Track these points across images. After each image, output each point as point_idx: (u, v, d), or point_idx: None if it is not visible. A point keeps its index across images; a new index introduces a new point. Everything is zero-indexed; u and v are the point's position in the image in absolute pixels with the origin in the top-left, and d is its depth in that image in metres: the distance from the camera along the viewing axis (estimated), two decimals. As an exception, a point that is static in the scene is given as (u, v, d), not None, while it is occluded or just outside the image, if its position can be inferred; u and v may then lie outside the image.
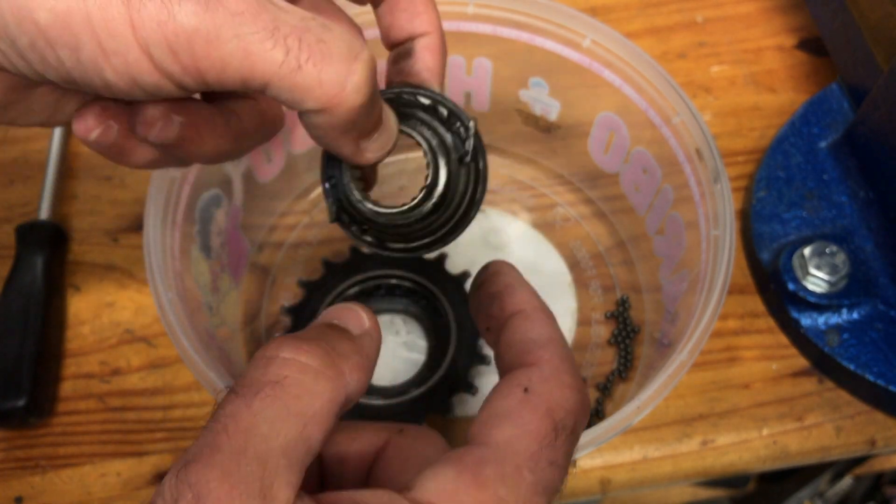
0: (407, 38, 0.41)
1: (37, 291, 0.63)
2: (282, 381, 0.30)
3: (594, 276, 0.67)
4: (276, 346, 0.31)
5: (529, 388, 0.32)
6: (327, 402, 0.30)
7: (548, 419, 0.31)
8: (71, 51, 0.28)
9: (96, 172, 0.72)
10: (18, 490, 0.59)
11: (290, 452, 0.28)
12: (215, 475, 0.26)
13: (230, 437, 0.28)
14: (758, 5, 0.81)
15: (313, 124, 0.32)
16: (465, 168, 0.41)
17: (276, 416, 0.29)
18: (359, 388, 0.33)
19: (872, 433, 0.61)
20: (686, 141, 0.55)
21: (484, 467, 0.30)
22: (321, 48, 0.30)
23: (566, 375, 0.33)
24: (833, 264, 0.60)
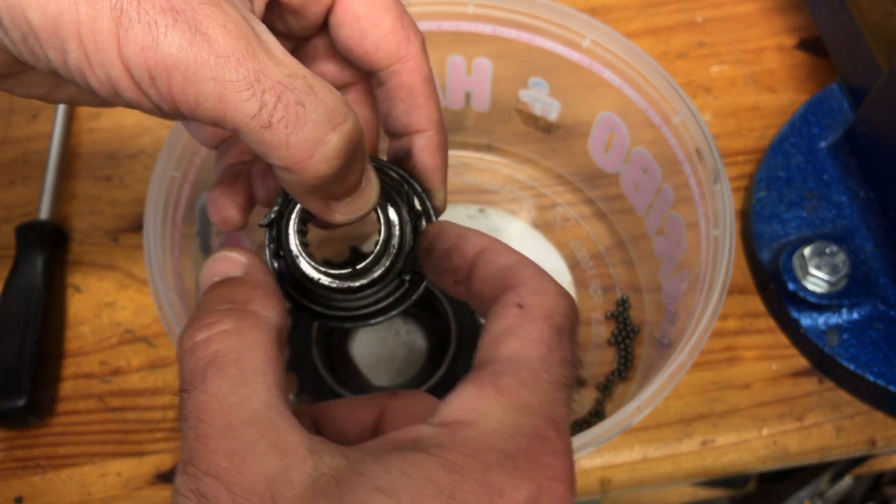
0: (403, 132, 0.41)
1: (37, 291, 0.63)
2: (215, 355, 0.30)
3: (594, 276, 0.67)
4: (188, 336, 0.31)
5: (522, 303, 0.32)
6: (264, 344, 0.31)
7: (548, 325, 0.32)
8: (58, 53, 0.28)
9: (96, 172, 0.72)
10: (18, 490, 0.59)
11: (271, 403, 0.29)
12: (223, 457, 0.27)
13: (210, 424, 0.28)
14: (758, 5, 0.81)
15: (280, 177, 0.32)
16: (398, 282, 0.40)
17: (233, 384, 0.29)
18: (278, 312, 0.33)
19: (872, 433, 0.61)
20: (686, 141, 0.55)
21: (501, 378, 0.30)
22: (297, 111, 0.29)
23: (552, 284, 0.34)
24: (833, 264, 0.60)
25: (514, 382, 0.30)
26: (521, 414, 0.29)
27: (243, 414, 0.28)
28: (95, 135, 0.74)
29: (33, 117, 0.75)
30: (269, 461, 0.27)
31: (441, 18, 0.60)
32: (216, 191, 0.42)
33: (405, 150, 0.41)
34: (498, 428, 0.28)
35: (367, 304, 0.40)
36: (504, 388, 0.30)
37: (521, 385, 0.30)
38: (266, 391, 0.29)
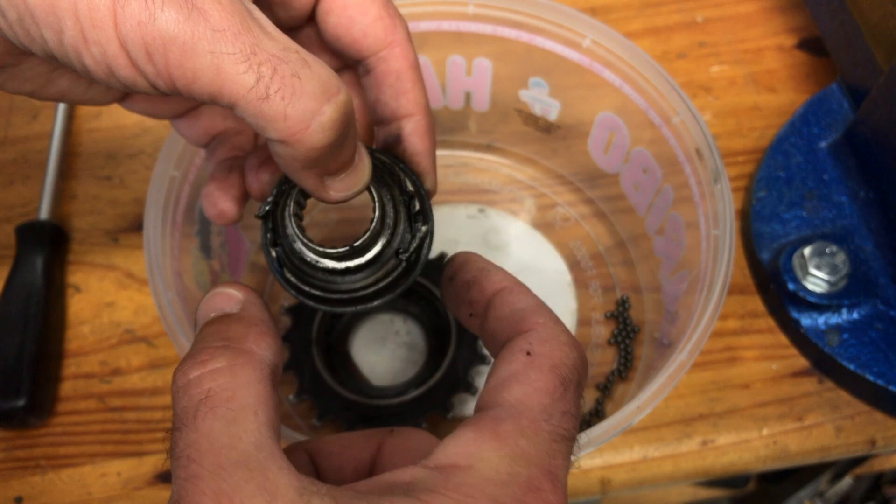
0: (391, 117, 0.41)
1: (37, 291, 0.63)
2: (207, 394, 0.30)
3: (594, 276, 0.67)
4: (181, 374, 0.31)
5: (531, 350, 0.33)
6: (257, 383, 0.31)
7: (554, 375, 0.32)
8: (54, 33, 0.29)
9: (96, 172, 0.72)
10: (18, 490, 0.59)
11: (262, 443, 0.29)
12: (209, 497, 0.27)
13: (201, 464, 0.28)
14: (758, 5, 0.81)
15: (276, 152, 0.32)
16: (396, 261, 0.40)
17: (225, 423, 0.29)
18: (272, 350, 0.33)
19: (872, 433, 0.61)
20: (686, 141, 0.55)
21: (501, 424, 0.30)
22: (293, 82, 0.30)
23: (563, 335, 0.34)
24: (833, 264, 0.60)
25: (513, 430, 0.30)
26: (517, 463, 0.29)
27: (233, 455, 0.28)
28: (95, 135, 0.74)
29: (33, 117, 0.75)
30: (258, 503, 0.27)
31: (441, 18, 0.60)
32: (210, 185, 0.43)
33: (394, 135, 0.41)
34: (492, 475, 0.28)
35: (366, 286, 0.39)
36: (502, 435, 0.30)
37: (520, 433, 0.30)
38: (257, 431, 0.29)
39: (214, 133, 0.44)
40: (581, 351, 0.34)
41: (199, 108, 0.44)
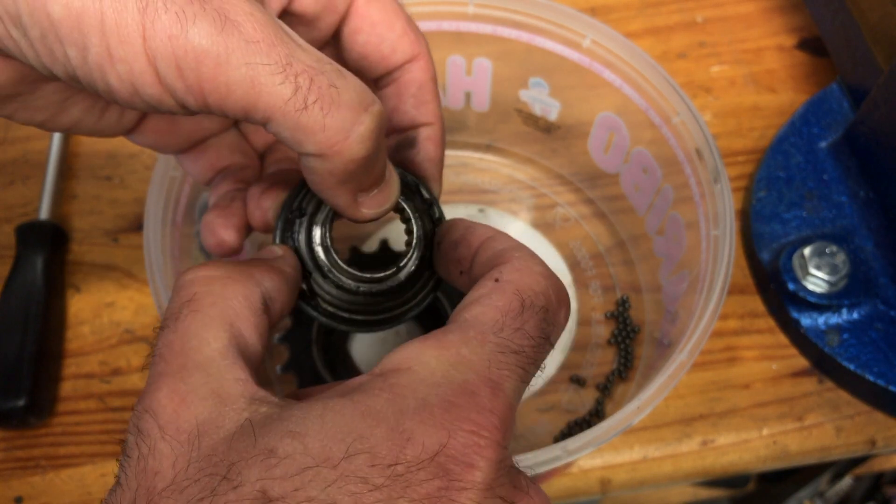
0: (410, 126, 0.42)
1: (37, 291, 0.63)
2: (193, 297, 0.31)
3: (594, 276, 0.67)
4: (182, 273, 0.33)
5: (500, 278, 0.33)
6: (243, 299, 0.32)
7: (516, 297, 0.32)
8: (79, 50, 0.28)
9: (96, 172, 0.72)
10: (18, 490, 0.59)
11: (227, 352, 0.30)
12: (165, 393, 0.28)
13: (168, 362, 0.29)
14: (758, 5, 0.81)
15: (311, 168, 0.32)
16: (430, 271, 0.41)
17: (199, 327, 0.30)
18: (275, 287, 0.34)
19: (872, 433, 0.61)
20: (686, 141, 0.55)
21: (448, 334, 0.30)
22: (331, 93, 0.29)
23: (537, 266, 0.34)
24: (833, 264, 0.60)
25: (457, 339, 0.30)
26: (454, 367, 0.29)
27: (198, 357, 0.29)
28: (95, 135, 0.74)
29: (33, 117, 0.75)
30: (206, 406, 0.28)
31: (441, 18, 0.60)
32: (211, 214, 0.42)
33: (409, 140, 0.42)
34: (427, 377, 0.28)
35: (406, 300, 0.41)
36: (445, 343, 0.30)
37: (463, 342, 0.30)
38: (227, 339, 0.30)
39: (219, 168, 0.44)
40: (555, 282, 0.33)
41: (206, 143, 0.43)
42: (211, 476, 0.25)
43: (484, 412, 0.28)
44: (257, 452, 0.26)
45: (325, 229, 0.39)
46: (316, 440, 0.26)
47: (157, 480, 0.26)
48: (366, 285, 0.39)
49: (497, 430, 0.28)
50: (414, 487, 0.25)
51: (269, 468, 0.25)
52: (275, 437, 0.26)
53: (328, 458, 0.26)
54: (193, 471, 0.26)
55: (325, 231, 0.39)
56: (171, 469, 0.26)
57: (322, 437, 0.26)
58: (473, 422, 0.27)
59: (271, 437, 0.26)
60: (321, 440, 0.26)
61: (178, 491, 0.25)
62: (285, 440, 0.26)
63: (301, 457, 0.26)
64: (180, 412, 0.28)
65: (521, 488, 0.28)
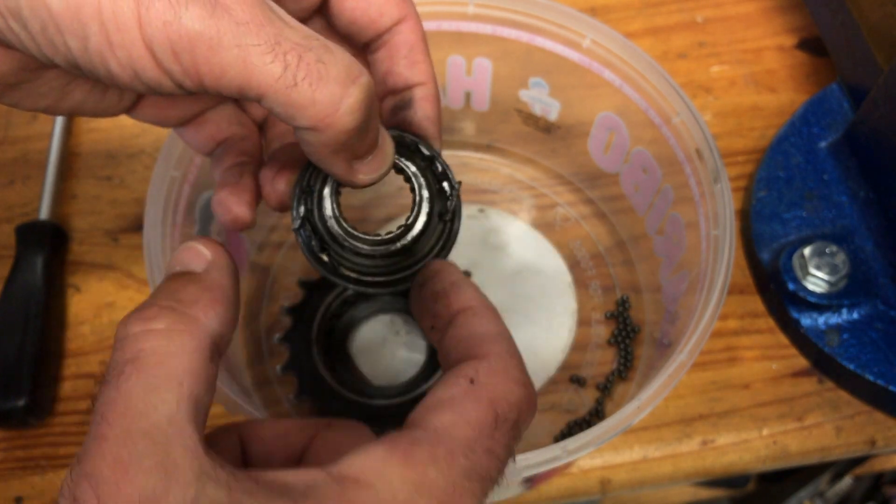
0: (404, 87, 0.42)
1: (37, 291, 0.63)
2: (138, 355, 0.30)
3: (594, 276, 0.67)
4: (123, 324, 0.31)
5: (475, 379, 0.32)
6: (192, 354, 0.30)
7: (490, 409, 0.31)
8: (79, 40, 0.29)
9: (96, 172, 0.72)
10: (18, 490, 0.59)
11: (176, 417, 0.28)
12: (108, 463, 0.27)
13: (111, 425, 0.28)
14: (758, 5, 0.81)
15: (306, 140, 0.33)
16: (441, 224, 0.42)
17: (145, 389, 0.29)
18: (221, 322, 0.33)
19: (872, 433, 0.61)
20: (686, 141, 0.55)
21: (416, 448, 0.29)
22: (319, 68, 0.30)
23: (514, 370, 0.33)
24: (833, 264, 0.60)
25: (426, 457, 0.29)
26: (419, 492, 0.28)
27: (143, 424, 0.28)
28: (95, 135, 0.74)
29: (33, 117, 0.75)
30: (151, 479, 0.26)
31: (441, 18, 0.60)
32: (223, 192, 0.42)
33: (405, 101, 0.42)
34: (388, 499, 0.28)
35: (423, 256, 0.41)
36: (413, 460, 0.29)
37: (431, 462, 0.29)
38: (175, 403, 0.29)
39: (220, 139, 0.44)
40: (530, 391, 0.33)
41: (205, 115, 0.44)
42: None
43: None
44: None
45: (332, 201, 0.40)
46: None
47: None
48: (381, 247, 0.40)
49: None
50: None
51: None
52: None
53: None
54: None
55: (333, 203, 0.40)
56: None
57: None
58: None
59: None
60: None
61: None
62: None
63: None
64: (121, 484, 0.26)
65: None
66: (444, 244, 0.42)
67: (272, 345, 0.64)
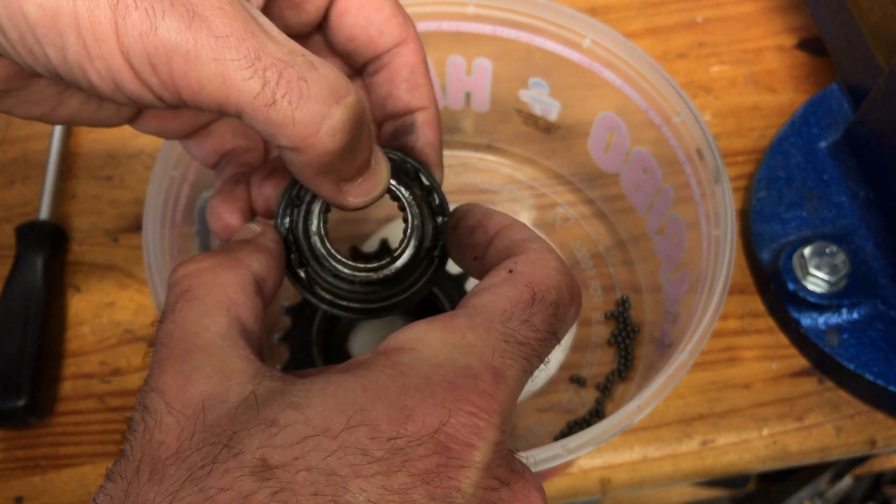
0: (405, 111, 0.41)
1: (37, 291, 0.63)
2: (188, 289, 0.32)
3: (594, 276, 0.67)
4: (174, 270, 0.34)
5: (514, 269, 0.33)
6: (237, 286, 0.33)
7: (527, 289, 0.32)
8: (57, 49, 0.28)
9: (96, 172, 0.72)
10: (18, 490, 0.59)
11: (228, 335, 0.31)
12: (170, 375, 0.29)
13: (170, 349, 0.30)
14: (758, 5, 0.81)
15: (289, 160, 0.32)
16: (428, 260, 0.41)
17: (197, 314, 0.31)
18: (264, 267, 0.35)
19: (872, 433, 0.61)
20: (686, 141, 0.55)
21: (455, 319, 0.31)
22: (300, 85, 0.29)
23: (553, 261, 0.33)
24: (833, 264, 0.60)
25: (464, 324, 0.30)
26: (458, 351, 0.29)
27: (199, 341, 0.30)
28: (95, 135, 0.74)
29: (33, 117, 0.75)
30: (211, 382, 0.28)
31: (441, 18, 0.60)
32: (216, 199, 0.42)
33: (406, 126, 0.41)
34: (431, 358, 0.29)
35: (404, 289, 0.41)
36: (452, 327, 0.30)
37: (470, 327, 0.30)
38: (226, 324, 0.31)
39: (224, 152, 0.44)
40: (569, 278, 0.33)
41: (209, 127, 0.44)
42: (213, 445, 0.26)
43: (485, 396, 0.28)
44: (259, 422, 0.26)
45: (319, 219, 0.39)
46: (317, 411, 0.26)
47: (161, 450, 0.27)
48: (362, 274, 0.39)
49: (497, 414, 0.28)
50: (413, 462, 0.26)
51: (270, 437, 0.26)
52: (277, 408, 0.27)
53: (328, 428, 0.26)
54: (197, 441, 0.26)
55: (320, 221, 0.39)
56: (176, 440, 0.27)
57: (323, 409, 0.26)
58: (474, 404, 0.27)
59: (273, 409, 0.27)
60: (322, 412, 0.26)
61: (180, 459, 0.26)
62: (287, 411, 0.26)
63: (302, 427, 0.26)
64: (186, 389, 0.28)
65: (517, 471, 0.29)
66: (426, 281, 0.41)
67: (272, 345, 0.64)
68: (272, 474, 0.25)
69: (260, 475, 0.25)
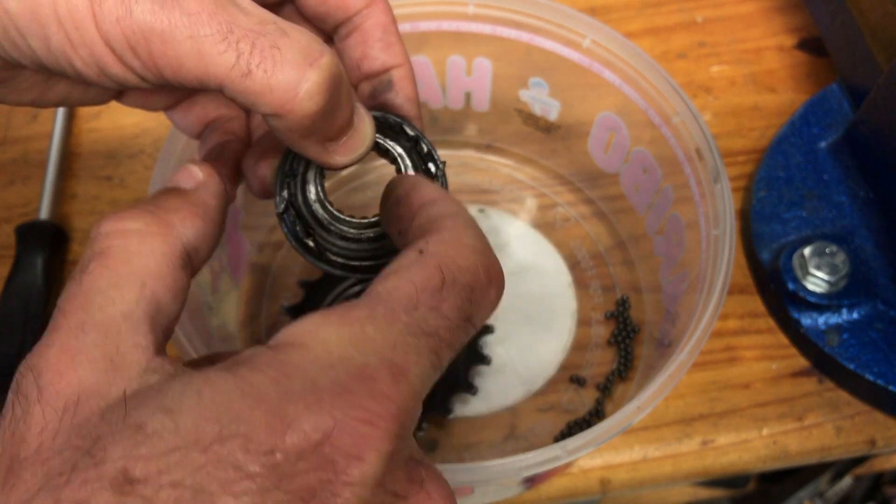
0: (381, 70, 0.41)
1: (37, 291, 0.63)
2: (106, 251, 0.30)
3: (594, 276, 0.67)
4: (98, 223, 0.31)
5: (425, 249, 0.30)
6: (161, 257, 0.30)
7: (437, 272, 0.29)
8: (40, 40, 0.29)
9: (96, 172, 0.72)
10: (18, 490, 0.59)
11: (133, 314, 0.28)
12: (54, 352, 0.27)
13: (66, 317, 0.28)
14: (758, 5, 0.81)
15: (273, 126, 0.32)
16: None
17: (107, 284, 0.29)
18: (197, 234, 0.33)
19: (872, 433, 0.61)
20: (686, 141, 0.55)
21: (353, 309, 0.28)
22: (273, 53, 0.30)
23: (468, 238, 0.31)
24: (833, 264, 0.60)
25: (364, 314, 0.28)
26: (354, 347, 0.26)
27: (99, 316, 0.28)
28: (95, 135, 0.74)
29: (33, 117, 0.75)
30: (95, 370, 0.26)
31: (441, 18, 0.60)
32: None
33: (384, 84, 0.41)
34: (322, 356, 0.26)
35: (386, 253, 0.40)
36: (349, 319, 0.27)
37: (370, 319, 0.27)
38: (135, 301, 0.28)
39: (207, 121, 0.44)
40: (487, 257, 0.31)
41: (192, 98, 0.44)
42: (75, 449, 0.24)
43: (380, 399, 0.25)
44: (126, 427, 0.24)
45: (316, 184, 0.39)
46: (189, 418, 0.24)
47: (21, 448, 0.25)
48: (368, 231, 0.39)
49: (393, 419, 0.25)
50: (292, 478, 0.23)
51: (135, 445, 0.23)
52: (147, 411, 0.24)
53: (198, 439, 0.23)
54: (60, 442, 0.24)
55: (317, 186, 0.39)
56: (38, 437, 0.25)
57: (195, 416, 0.24)
58: (366, 409, 0.25)
59: (143, 411, 0.24)
60: (195, 419, 0.24)
61: (39, 462, 0.24)
62: (157, 416, 0.24)
63: (170, 436, 0.24)
64: (64, 374, 0.26)
65: (417, 481, 0.27)
66: None
67: (272, 345, 0.64)
68: (133, 489, 0.23)
69: (119, 489, 0.23)
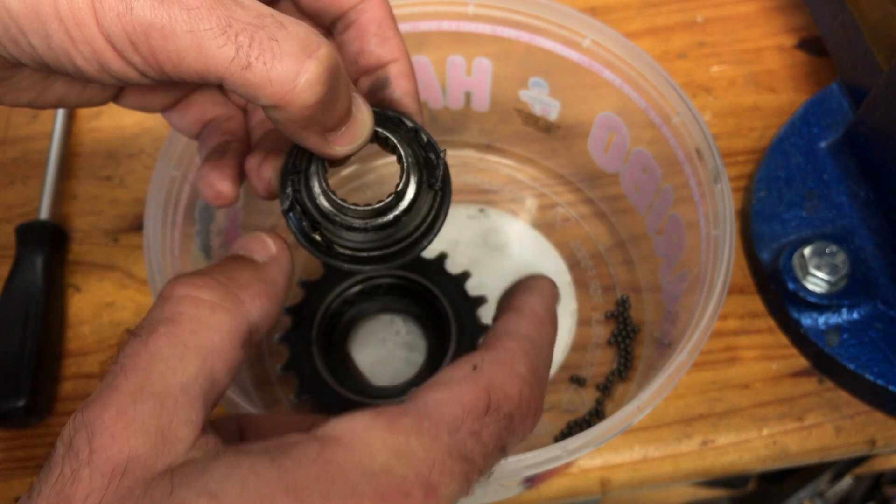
0: (377, 65, 0.42)
1: (37, 291, 0.63)
2: (176, 317, 0.30)
3: (594, 276, 0.67)
4: (172, 285, 0.31)
5: (478, 366, 0.32)
6: (227, 334, 0.31)
7: (484, 394, 0.31)
8: (41, 38, 0.29)
9: (96, 172, 0.72)
10: (18, 490, 0.59)
11: (191, 388, 0.29)
12: (110, 413, 0.27)
13: (127, 377, 0.28)
14: (758, 5, 0.81)
15: (273, 118, 0.33)
16: (432, 193, 0.41)
17: (172, 353, 0.29)
18: (263, 314, 0.33)
19: (872, 433, 0.61)
20: (686, 141, 0.55)
21: (402, 417, 0.29)
22: (272, 46, 0.30)
23: (520, 366, 0.33)
24: (833, 264, 0.60)
25: (410, 426, 0.29)
26: (397, 458, 0.28)
27: (158, 385, 0.28)
28: (95, 135, 0.74)
29: (33, 117, 0.75)
30: (146, 441, 0.27)
31: (441, 18, 0.60)
32: (205, 167, 0.42)
33: (381, 80, 0.42)
34: (365, 461, 0.27)
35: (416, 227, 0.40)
36: (397, 427, 0.29)
37: (415, 433, 0.29)
38: (194, 375, 0.29)
39: (205, 121, 0.45)
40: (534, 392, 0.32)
41: (189, 98, 0.44)
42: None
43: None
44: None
45: (319, 178, 0.39)
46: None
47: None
48: (373, 219, 0.39)
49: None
50: None
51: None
52: (191, 492, 0.25)
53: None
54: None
55: (321, 180, 0.39)
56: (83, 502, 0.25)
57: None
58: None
59: (188, 492, 0.25)
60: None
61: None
62: (201, 499, 0.25)
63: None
64: (117, 439, 0.27)
65: None
66: (436, 213, 0.41)
67: (272, 345, 0.64)
68: None
69: None
